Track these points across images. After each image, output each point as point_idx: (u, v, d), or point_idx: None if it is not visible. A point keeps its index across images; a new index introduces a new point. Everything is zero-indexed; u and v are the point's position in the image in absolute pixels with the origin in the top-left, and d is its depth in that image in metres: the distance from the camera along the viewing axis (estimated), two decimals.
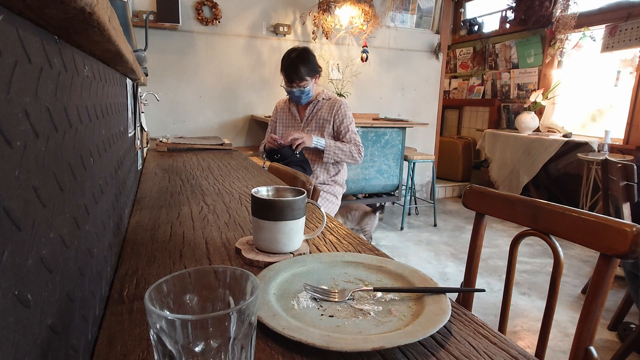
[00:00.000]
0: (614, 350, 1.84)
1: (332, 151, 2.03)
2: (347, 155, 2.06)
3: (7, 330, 0.23)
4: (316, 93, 2.13)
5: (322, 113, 2.10)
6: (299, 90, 2.02)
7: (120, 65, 0.74)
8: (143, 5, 3.18)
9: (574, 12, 3.92)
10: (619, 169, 1.78)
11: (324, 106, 2.11)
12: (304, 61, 1.98)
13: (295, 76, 1.98)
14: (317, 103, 2.12)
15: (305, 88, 2.02)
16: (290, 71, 1.98)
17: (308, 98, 2.08)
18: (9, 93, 0.24)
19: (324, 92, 2.15)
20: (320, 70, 2.09)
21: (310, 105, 2.13)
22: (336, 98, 2.13)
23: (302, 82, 1.99)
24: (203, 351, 0.31)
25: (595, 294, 0.72)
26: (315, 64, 2.04)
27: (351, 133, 2.08)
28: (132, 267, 0.67)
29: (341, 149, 2.04)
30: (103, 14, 0.37)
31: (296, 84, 2.00)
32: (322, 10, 3.67)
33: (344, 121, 2.08)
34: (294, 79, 1.99)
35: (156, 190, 1.22)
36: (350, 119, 2.09)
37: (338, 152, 2.04)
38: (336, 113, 2.08)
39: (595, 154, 3.53)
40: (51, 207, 0.32)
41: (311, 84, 2.03)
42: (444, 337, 0.50)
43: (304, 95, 2.05)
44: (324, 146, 2.03)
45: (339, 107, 2.08)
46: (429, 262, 2.95)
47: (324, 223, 0.76)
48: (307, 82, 2.00)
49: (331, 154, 2.03)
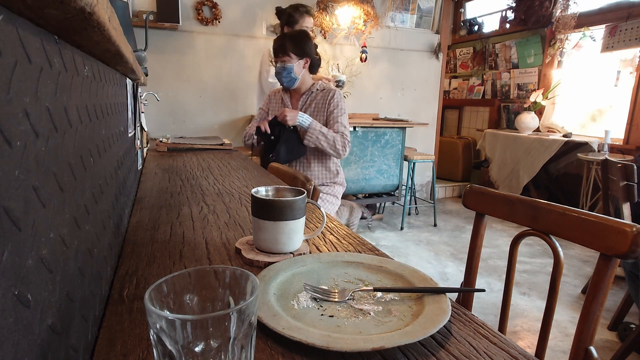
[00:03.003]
0: (614, 350, 1.84)
1: (315, 135, 1.91)
2: (330, 144, 1.92)
3: (7, 330, 0.23)
4: (310, 83, 2.05)
5: (316, 104, 2.01)
6: (281, 67, 1.94)
7: (120, 65, 0.74)
8: (143, 5, 3.18)
9: (574, 12, 3.92)
10: (619, 169, 1.78)
11: (317, 97, 2.02)
12: (294, 38, 1.94)
13: (280, 49, 1.93)
14: (310, 94, 2.04)
15: (286, 65, 1.93)
16: (277, 43, 1.94)
17: (292, 81, 1.98)
18: (9, 93, 0.24)
19: (319, 83, 2.06)
20: (314, 57, 2.00)
21: (304, 96, 2.04)
22: (331, 88, 2.03)
23: (285, 57, 1.92)
24: (203, 351, 0.31)
25: (595, 294, 0.72)
26: (307, 47, 1.96)
27: (339, 125, 1.96)
28: (132, 267, 0.67)
29: (325, 135, 1.91)
30: (103, 14, 0.37)
31: (279, 57, 1.94)
32: (321, 9, 3.68)
33: (334, 111, 1.97)
34: (279, 52, 1.93)
35: (156, 190, 1.22)
36: (342, 110, 1.98)
37: (321, 137, 1.90)
38: (329, 103, 1.98)
39: (595, 154, 3.52)
40: (51, 207, 0.32)
41: (296, 64, 1.94)
42: (444, 337, 0.50)
43: (285, 72, 1.95)
44: (308, 125, 1.89)
45: (332, 97, 1.98)
46: (429, 262, 2.95)
47: (324, 223, 0.76)
48: (290, 59, 1.93)
49: (313, 138, 1.90)
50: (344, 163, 3.41)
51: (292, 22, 2.66)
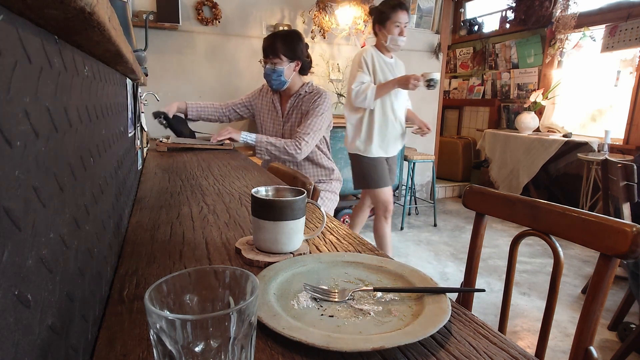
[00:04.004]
0: (614, 350, 1.84)
1: (264, 147, 1.88)
2: (281, 151, 1.89)
3: (7, 330, 0.23)
4: (300, 85, 2.00)
5: (303, 106, 1.97)
6: (271, 69, 1.89)
7: (120, 65, 0.74)
8: (143, 5, 3.18)
9: (574, 12, 3.92)
10: (619, 169, 1.78)
11: (305, 98, 1.98)
12: (285, 39, 1.89)
13: (270, 50, 1.88)
14: (298, 96, 1.98)
15: (277, 67, 1.87)
16: (267, 44, 1.89)
17: (281, 84, 1.94)
18: (9, 93, 0.24)
19: (307, 85, 2.00)
20: (306, 59, 1.96)
21: (292, 98, 2.00)
22: (318, 91, 1.97)
23: (276, 59, 1.87)
24: (203, 351, 0.31)
25: (595, 294, 0.72)
26: (299, 48, 1.91)
27: (304, 127, 1.90)
28: (132, 267, 0.67)
29: (274, 145, 1.88)
30: (103, 14, 0.37)
31: (270, 59, 1.89)
32: (320, 9, 3.68)
33: (308, 113, 1.92)
34: (269, 53, 1.89)
35: (156, 190, 1.22)
36: (318, 112, 1.91)
37: (270, 147, 1.89)
38: (311, 105, 1.93)
39: (595, 154, 3.52)
40: (51, 207, 0.32)
41: (286, 66, 1.90)
42: (444, 337, 0.50)
43: (275, 75, 1.90)
44: (255, 141, 1.89)
45: (316, 100, 1.93)
46: (429, 262, 2.95)
47: (324, 223, 0.76)
48: (281, 62, 1.88)
49: (263, 150, 1.89)
50: (344, 163, 3.41)
51: (383, 19, 2.36)
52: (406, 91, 2.56)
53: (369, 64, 2.37)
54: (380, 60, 2.41)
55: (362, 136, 2.45)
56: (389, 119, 2.47)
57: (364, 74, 2.34)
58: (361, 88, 2.30)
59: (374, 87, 2.31)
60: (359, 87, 2.31)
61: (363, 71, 2.34)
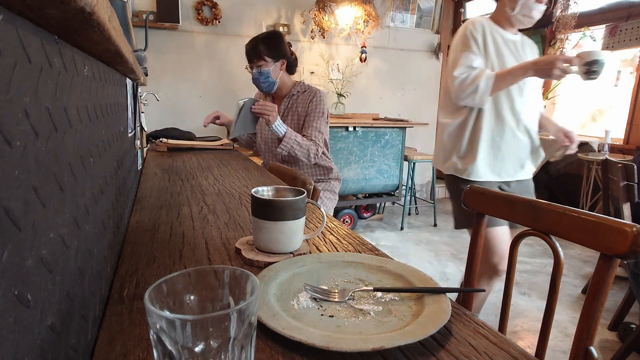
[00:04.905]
0: (614, 350, 1.84)
1: (290, 144, 1.82)
2: (303, 152, 1.85)
3: (7, 330, 0.23)
4: (291, 85, 1.98)
5: (298, 107, 1.95)
6: (258, 72, 1.88)
7: (120, 65, 0.74)
8: (143, 5, 3.18)
9: (574, 12, 3.92)
10: (619, 169, 1.78)
11: (299, 99, 1.96)
12: (266, 41, 1.87)
13: (253, 53, 1.86)
14: (292, 96, 1.96)
15: (263, 69, 1.86)
16: (250, 48, 1.88)
17: (270, 85, 1.93)
18: (9, 93, 0.24)
19: (299, 85, 1.97)
20: (290, 57, 1.94)
21: (286, 99, 1.98)
22: (312, 89, 1.95)
23: (261, 62, 1.86)
24: (203, 351, 0.31)
25: (595, 294, 0.72)
26: (282, 48, 1.88)
27: (313, 129, 1.88)
28: (132, 267, 0.67)
29: (300, 144, 1.83)
30: (103, 14, 0.37)
31: (254, 63, 1.88)
32: (319, 9, 3.68)
33: (310, 114, 1.90)
34: (252, 57, 1.87)
35: (156, 190, 1.22)
36: (320, 113, 1.90)
37: (295, 145, 1.83)
38: (309, 105, 1.91)
39: (596, 154, 3.52)
40: (51, 207, 0.32)
41: (272, 67, 1.88)
42: (444, 337, 0.50)
43: (263, 77, 1.89)
44: (284, 134, 1.81)
45: (312, 98, 1.91)
46: (429, 262, 2.95)
47: (324, 223, 0.76)
48: (266, 63, 1.86)
49: (288, 147, 1.83)
50: (344, 163, 3.41)
51: None
52: (537, 85, 1.71)
53: (479, 41, 1.56)
54: (498, 37, 1.60)
55: (463, 149, 1.64)
56: (507, 124, 1.62)
57: (473, 55, 1.54)
58: (470, 75, 1.51)
59: (491, 74, 1.50)
60: (467, 73, 1.52)
61: (471, 50, 1.54)
